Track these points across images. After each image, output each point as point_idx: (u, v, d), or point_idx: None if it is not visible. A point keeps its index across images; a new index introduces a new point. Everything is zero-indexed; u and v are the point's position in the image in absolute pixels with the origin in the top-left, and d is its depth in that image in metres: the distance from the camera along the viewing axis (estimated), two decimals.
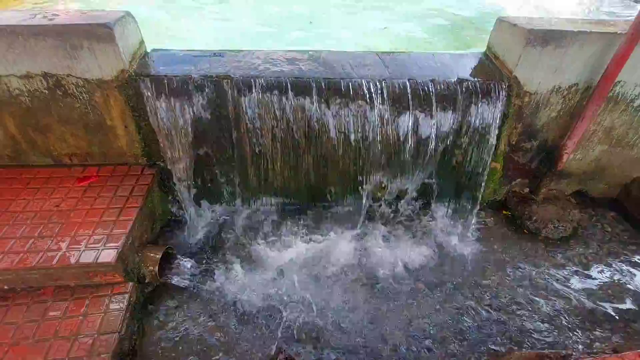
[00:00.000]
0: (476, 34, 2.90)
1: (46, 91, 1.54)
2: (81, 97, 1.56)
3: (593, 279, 1.73)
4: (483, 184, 1.84)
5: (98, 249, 1.42)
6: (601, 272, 1.76)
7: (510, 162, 1.90)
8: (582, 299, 1.63)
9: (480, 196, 1.89)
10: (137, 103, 1.56)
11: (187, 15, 2.93)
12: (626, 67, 1.53)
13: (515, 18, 1.72)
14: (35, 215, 1.54)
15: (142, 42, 1.65)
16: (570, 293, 1.66)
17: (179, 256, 1.70)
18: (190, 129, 1.59)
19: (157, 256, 1.56)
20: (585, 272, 1.76)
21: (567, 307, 1.60)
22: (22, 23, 1.41)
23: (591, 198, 2.07)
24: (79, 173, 1.74)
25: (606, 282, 1.71)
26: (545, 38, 1.52)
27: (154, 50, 1.70)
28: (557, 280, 1.72)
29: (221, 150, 1.70)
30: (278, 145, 1.67)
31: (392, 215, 1.99)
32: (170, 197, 1.87)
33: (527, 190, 2.03)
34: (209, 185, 1.85)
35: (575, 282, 1.71)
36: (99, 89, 1.54)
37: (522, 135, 1.78)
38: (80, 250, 1.41)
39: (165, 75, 1.52)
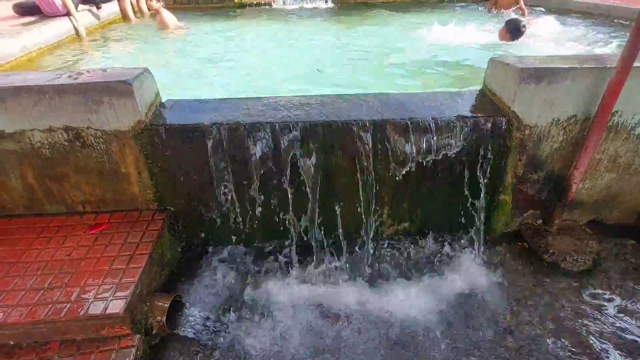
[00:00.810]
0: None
1: (66, 143, 1.65)
2: (98, 147, 1.67)
3: (622, 312, 1.67)
4: (494, 217, 1.86)
5: (107, 299, 1.42)
6: (633, 303, 1.70)
7: (519, 194, 1.93)
8: (617, 333, 1.57)
9: (492, 229, 1.89)
10: (152, 151, 1.66)
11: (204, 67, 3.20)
12: (621, 98, 1.62)
13: (506, 57, 1.86)
14: (47, 265, 1.57)
15: (157, 94, 1.79)
16: (603, 328, 1.60)
17: (187, 304, 1.69)
18: (203, 173, 1.67)
19: (165, 305, 1.55)
20: (613, 305, 1.70)
21: (601, 342, 1.54)
22: (48, 83, 1.56)
23: (607, 226, 2.07)
24: (91, 220, 1.79)
25: (638, 314, 1.65)
26: (538, 75, 1.63)
27: (168, 100, 1.84)
28: (585, 316, 1.66)
29: (233, 192, 1.77)
30: (286, 186, 1.74)
31: (400, 254, 1.98)
32: (180, 242, 1.90)
33: (540, 221, 2.04)
34: (220, 227, 1.89)
35: (605, 317, 1.65)
36: (116, 139, 1.65)
37: (527, 166, 1.83)
38: (88, 301, 1.41)
39: (179, 124, 1.63)
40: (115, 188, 1.77)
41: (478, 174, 1.77)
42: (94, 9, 4.75)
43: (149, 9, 4.10)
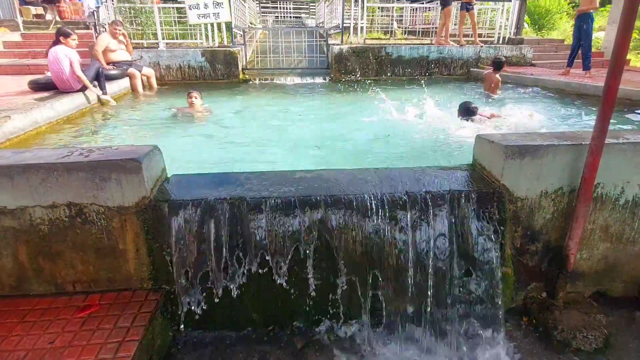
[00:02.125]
0: None
1: (66, 219, 1.69)
2: (99, 223, 1.70)
3: None
4: (499, 290, 1.87)
5: None
6: None
7: (520, 265, 1.98)
8: None
9: (498, 304, 1.89)
10: (153, 226, 1.70)
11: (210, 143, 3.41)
12: (600, 171, 1.79)
13: (491, 135, 2.08)
14: (26, 355, 1.48)
15: (164, 169, 1.90)
16: None
17: None
18: (204, 248, 1.69)
19: None
20: None
21: None
22: (59, 160, 1.65)
23: (612, 298, 2.08)
24: (81, 302, 1.74)
25: None
26: (521, 152, 1.81)
27: (174, 175, 1.94)
28: None
29: (233, 268, 1.77)
30: (287, 262, 1.76)
31: (405, 331, 1.93)
32: (172, 325, 1.83)
33: (544, 294, 2.05)
34: (217, 306, 1.84)
35: None
36: (118, 215, 1.70)
37: (524, 238, 1.92)
38: None
39: (182, 200, 1.71)
40: (111, 265, 1.76)
41: (476, 246, 1.84)
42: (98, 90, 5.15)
43: (190, 106, 4.33)
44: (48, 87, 4.60)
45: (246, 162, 2.89)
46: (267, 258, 1.75)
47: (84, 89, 4.64)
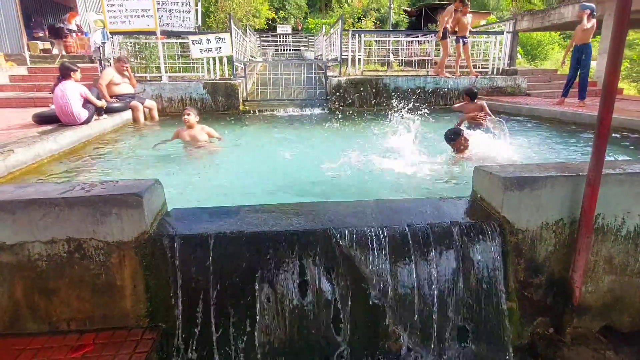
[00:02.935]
0: None
1: (65, 254, 1.69)
2: (97, 259, 1.70)
3: None
4: (506, 325, 1.84)
5: None
6: None
7: (525, 300, 1.96)
8: None
9: (505, 340, 1.85)
10: (152, 262, 1.70)
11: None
12: (599, 202, 1.81)
13: (490, 167, 2.11)
14: None
15: (164, 203, 1.92)
16: None
17: None
18: (204, 285, 1.68)
19: None
20: None
21: None
22: (61, 195, 1.68)
23: (621, 334, 2.04)
24: (75, 341, 1.70)
25: None
26: (520, 183, 1.84)
27: (174, 209, 1.96)
28: None
29: (231, 306, 1.75)
30: (287, 300, 1.74)
31: None
32: None
33: (551, 330, 2.01)
34: (218, 346, 1.80)
35: None
36: (117, 250, 1.70)
37: (527, 270, 1.91)
38: None
39: (182, 234, 1.72)
40: (107, 302, 1.74)
41: (479, 280, 1.83)
42: (102, 116, 5.30)
43: (186, 124, 4.32)
44: (52, 120, 4.71)
45: (246, 194, 2.92)
46: (266, 295, 1.73)
47: (87, 121, 4.76)
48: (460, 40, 8.32)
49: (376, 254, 1.76)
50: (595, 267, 1.97)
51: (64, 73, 4.71)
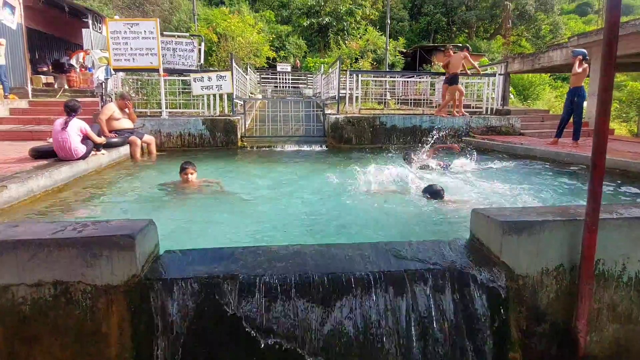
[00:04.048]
0: None
1: (50, 299, 1.63)
2: (84, 304, 1.65)
3: None
4: None
5: None
6: None
7: (529, 350, 1.89)
8: None
9: None
10: (141, 307, 1.65)
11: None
12: (598, 247, 1.81)
13: (487, 210, 2.12)
14: None
15: (157, 245, 1.89)
16: None
17: None
18: (195, 331, 1.62)
19: None
20: None
21: None
22: (52, 236, 1.65)
23: None
24: None
25: None
26: (518, 227, 1.84)
27: (166, 251, 1.92)
28: None
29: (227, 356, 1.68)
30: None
31: None
32: None
33: None
34: None
35: None
36: (105, 295, 1.65)
37: (529, 319, 1.86)
38: None
39: (173, 278, 1.68)
40: (90, 351, 1.66)
41: (480, 329, 1.78)
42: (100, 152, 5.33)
43: (184, 182, 4.12)
44: (48, 155, 4.74)
45: (241, 235, 2.89)
46: (265, 343, 1.67)
47: (84, 156, 4.79)
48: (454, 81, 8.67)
49: (373, 299, 1.72)
50: (599, 315, 1.93)
51: (69, 112, 4.78)
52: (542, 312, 1.89)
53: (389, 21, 17.08)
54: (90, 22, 14.42)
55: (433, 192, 3.75)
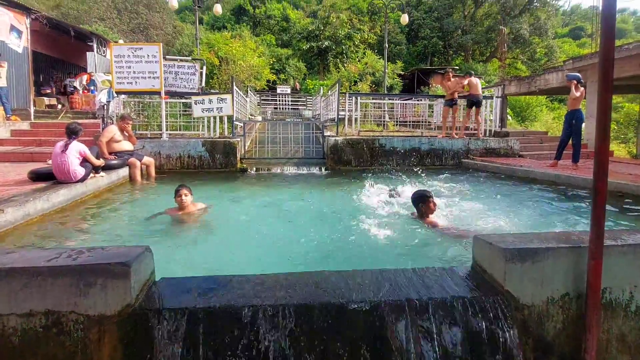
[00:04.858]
0: None
1: (41, 329, 1.59)
2: (75, 335, 1.60)
3: None
4: None
5: None
6: None
7: None
8: None
9: None
10: (134, 339, 1.60)
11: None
12: (604, 275, 1.77)
13: (489, 236, 2.09)
14: None
15: (152, 272, 1.86)
16: None
17: None
18: None
19: None
20: None
21: None
22: (46, 264, 1.62)
23: None
24: None
25: None
26: (521, 255, 1.81)
27: (162, 279, 1.88)
28: None
29: None
30: None
31: None
32: None
33: None
34: None
35: None
36: (97, 325, 1.60)
37: (536, 350, 1.80)
38: None
39: (168, 308, 1.64)
40: None
41: None
42: (99, 174, 5.33)
43: (181, 207, 3.97)
44: (47, 178, 4.74)
45: (238, 262, 2.84)
46: None
47: (83, 179, 4.79)
48: (449, 104, 8.80)
49: (373, 331, 1.67)
50: (608, 347, 1.87)
51: (70, 135, 4.81)
52: (549, 343, 1.83)
53: (386, 45, 17.49)
54: (95, 45, 14.76)
55: (416, 197, 3.77)
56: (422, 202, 3.73)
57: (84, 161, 4.84)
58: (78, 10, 26.23)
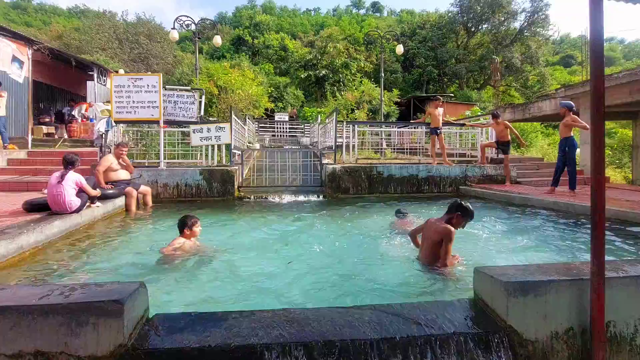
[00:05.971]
0: None
1: None
2: None
3: None
4: None
5: None
6: None
7: None
8: None
9: None
10: None
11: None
12: (607, 308, 1.76)
13: (490, 269, 2.08)
14: None
15: (147, 309, 1.82)
16: None
17: None
18: None
19: None
20: None
21: None
22: (37, 302, 1.59)
23: None
24: None
25: None
26: (523, 288, 1.80)
27: (156, 315, 1.85)
28: None
29: None
30: None
31: None
32: None
33: None
34: None
35: None
36: None
37: None
38: None
39: (162, 348, 1.60)
40: None
41: None
42: (95, 204, 5.29)
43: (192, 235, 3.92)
44: (42, 208, 4.71)
45: (235, 297, 2.79)
46: None
47: (79, 210, 4.77)
48: (434, 132, 8.94)
49: None
50: None
51: (66, 165, 4.82)
52: None
53: (382, 74, 17.99)
54: (95, 75, 15.08)
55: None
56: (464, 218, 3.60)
57: (80, 191, 4.84)
58: (80, 41, 26.96)
